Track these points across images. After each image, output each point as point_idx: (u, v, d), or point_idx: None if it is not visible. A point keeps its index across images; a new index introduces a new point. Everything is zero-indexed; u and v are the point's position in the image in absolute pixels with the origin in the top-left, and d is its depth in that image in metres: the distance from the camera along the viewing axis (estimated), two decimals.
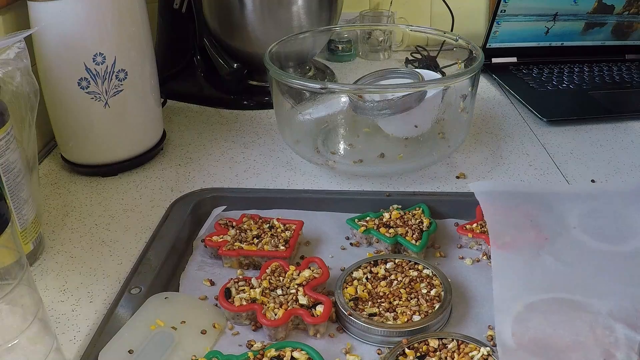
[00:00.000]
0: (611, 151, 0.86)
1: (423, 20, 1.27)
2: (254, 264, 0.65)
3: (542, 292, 0.56)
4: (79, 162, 0.83)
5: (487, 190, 0.68)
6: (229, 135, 0.94)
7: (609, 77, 1.09)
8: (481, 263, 0.65)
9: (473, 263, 0.65)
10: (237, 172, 0.83)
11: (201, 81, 1.07)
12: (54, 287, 0.62)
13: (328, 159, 0.80)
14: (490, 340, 0.55)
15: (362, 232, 0.67)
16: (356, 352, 0.54)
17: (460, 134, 0.82)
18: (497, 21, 1.12)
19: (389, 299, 0.58)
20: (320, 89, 0.77)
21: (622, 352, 0.49)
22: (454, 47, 0.87)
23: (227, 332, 0.57)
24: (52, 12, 0.73)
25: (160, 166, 0.85)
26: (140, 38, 0.80)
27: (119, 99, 0.79)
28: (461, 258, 0.66)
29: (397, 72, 0.88)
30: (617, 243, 0.62)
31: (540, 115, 0.95)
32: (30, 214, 0.65)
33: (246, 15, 0.98)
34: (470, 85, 0.78)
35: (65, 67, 0.75)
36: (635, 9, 1.13)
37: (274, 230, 0.67)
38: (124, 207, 0.76)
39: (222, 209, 0.73)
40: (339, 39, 1.22)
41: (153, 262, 0.63)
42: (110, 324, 0.55)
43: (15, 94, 0.63)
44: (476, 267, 0.65)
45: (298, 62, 1.05)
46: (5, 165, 0.60)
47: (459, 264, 0.65)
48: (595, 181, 0.78)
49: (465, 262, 0.66)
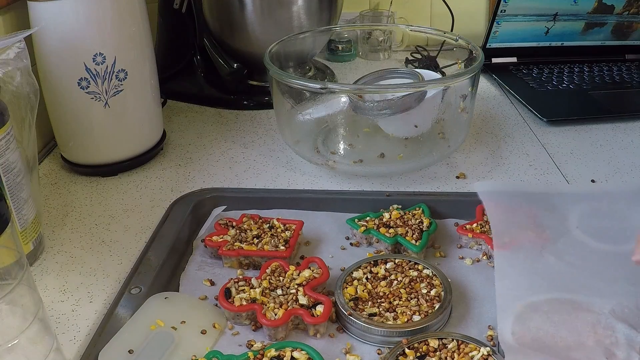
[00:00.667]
0: (611, 151, 0.86)
1: (423, 20, 1.27)
2: (254, 264, 0.65)
3: (544, 291, 0.56)
4: (79, 162, 0.83)
5: (490, 190, 0.68)
6: (229, 135, 0.94)
7: (609, 77, 1.09)
8: (481, 263, 0.65)
9: (473, 263, 0.65)
10: (237, 172, 0.83)
11: (201, 81, 1.07)
12: (54, 287, 0.62)
13: (328, 159, 0.80)
14: (490, 340, 0.55)
15: (362, 232, 0.67)
16: (356, 352, 0.54)
17: (460, 134, 0.82)
18: (497, 21, 1.12)
19: (389, 299, 0.58)
20: (320, 89, 0.77)
21: (623, 351, 0.49)
22: (454, 47, 0.87)
23: (227, 332, 0.57)
24: (52, 12, 0.73)
25: (160, 166, 0.85)
26: (140, 38, 0.80)
27: (119, 99, 0.79)
28: (461, 258, 0.66)
29: (397, 72, 0.88)
30: (619, 243, 0.62)
31: (540, 115, 0.95)
32: (30, 214, 0.65)
33: (246, 15, 0.98)
34: (470, 85, 0.78)
35: (65, 67, 0.75)
36: (635, 9, 1.13)
37: (274, 230, 0.67)
38: (124, 207, 0.76)
39: (222, 209, 0.73)
40: (339, 39, 1.22)
41: (153, 262, 0.63)
42: (110, 324, 0.55)
43: (15, 94, 0.63)
44: (476, 267, 0.65)
45: (298, 62, 1.05)
46: (5, 165, 0.60)
47: (459, 264, 0.65)
48: (595, 181, 0.78)
49: (465, 262, 0.66)
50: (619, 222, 0.65)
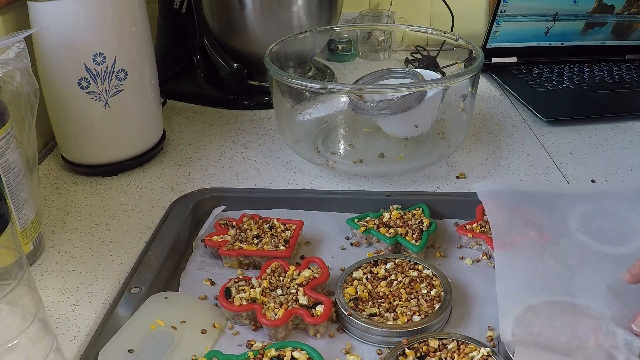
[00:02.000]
0: (611, 151, 0.86)
1: (423, 20, 1.27)
2: (254, 264, 0.65)
3: (544, 294, 0.56)
4: (79, 162, 0.83)
5: (490, 190, 0.68)
6: (229, 135, 0.94)
7: (609, 77, 1.09)
8: (481, 263, 0.65)
9: (473, 263, 0.65)
10: (237, 172, 0.83)
11: (201, 81, 1.07)
12: (54, 287, 0.62)
13: (328, 159, 0.80)
14: (490, 340, 0.55)
15: (362, 232, 0.67)
16: (356, 352, 0.54)
17: (460, 134, 0.82)
18: (497, 21, 1.12)
19: (389, 299, 0.58)
20: (320, 89, 0.77)
21: (623, 355, 0.49)
22: (454, 47, 0.87)
23: (227, 331, 0.57)
24: (52, 12, 0.73)
25: (160, 166, 0.85)
26: (140, 38, 0.80)
27: (119, 99, 0.79)
28: (461, 258, 0.66)
29: (397, 72, 0.88)
30: (619, 244, 0.62)
31: (540, 115, 0.95)
32: (30, 214, 0.65)
33: (246, 15, 0.98)
34: (470, 85, 0.78)
35: (65, 67, 0.75)
36: (635, 9, 1.13)
37: (274, 230, 0.67)
38: (124, 207, 0.76)
39: (222, 208, 0.73)
40: (339, 39, 1.22)
41: (153, 262, 0.63)
42: (110, 324, 0.55)
43: (15, 94, 0.63)
44: (476, 267, 0.65)
45: (298, 62, 1.05)
46: (5, 165, 0.60)
47: (459, 264, 0.65)
48: (595, 181, 0.78)
49: (466, 262, 0.65)
50: (618, 224, 0.65)
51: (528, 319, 0.53)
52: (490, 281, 0.60)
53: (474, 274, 0.64)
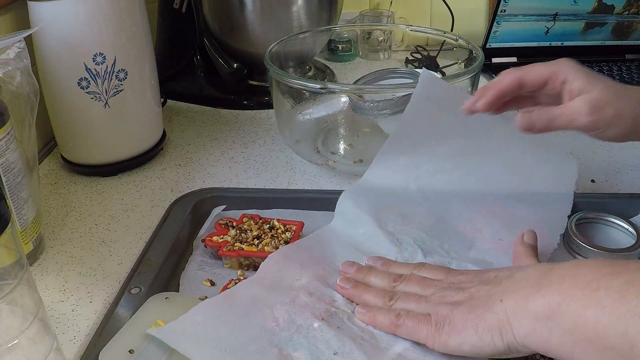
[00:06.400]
0: (611, 151, 0.86)
1: (423, 20, 1.27)
2: (254, 265, 0.65)
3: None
4: (79, 162, 0.83)
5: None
6: (229, 135, 0.94)
7: (609, 77, 1.09)
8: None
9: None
10: (237, 172, 0.83)
11: (201, 81, 1.07)
12: (54, 287, 0.62)
13: (328, 159, 0.80)
14: None
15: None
16: None
17: None
18: (497, 21, 1.12)
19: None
20: (320, 89, 0.76)
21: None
22: (454, 47, 0.87)
23: None
24: (52, 12, 0.73)
25: (160, 166, 0.85)
26: (140, 38, 0.80)
27: (119, 99, 0.79)
28: None
29: (397, 72, 0.88)
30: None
31: None
32: (30, 214, 0.65)
33: (246, 15, 0.98)
34: (470, 85, 0.78)
35: (65, 67, 0.75)
36: (635, 9, 1.13)
37: (274, 231, 0.67)
38: (124, 207, 0.76)
39: (222, 208, 0.73)
40: (339, 39, 1.22)
41: (153, 262, 0.63)
42: (110, 324, 0.55)
43: (15, 94, 0.63)
44: None
45: (298, 62, 1.05)
46: (5, 165, 0.60)
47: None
48: (595, 181, 0.78)
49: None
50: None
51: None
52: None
53: None
